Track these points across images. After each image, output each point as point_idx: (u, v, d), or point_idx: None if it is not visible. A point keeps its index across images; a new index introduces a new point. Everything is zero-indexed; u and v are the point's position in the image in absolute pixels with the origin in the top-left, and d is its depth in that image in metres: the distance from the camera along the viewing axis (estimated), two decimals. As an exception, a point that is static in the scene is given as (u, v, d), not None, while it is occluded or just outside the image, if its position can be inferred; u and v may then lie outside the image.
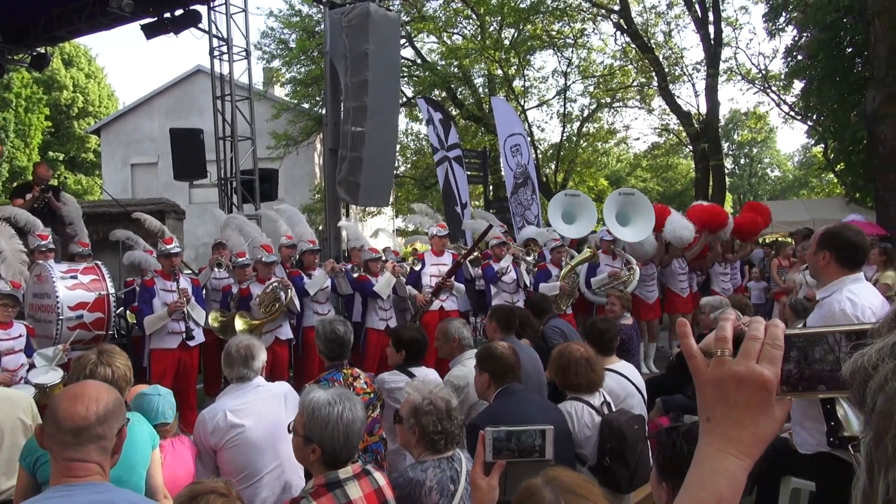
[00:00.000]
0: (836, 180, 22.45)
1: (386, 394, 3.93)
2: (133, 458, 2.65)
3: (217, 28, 10.25)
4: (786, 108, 21.94)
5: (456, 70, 19.59)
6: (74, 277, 5.66)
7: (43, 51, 11.34)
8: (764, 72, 21.25)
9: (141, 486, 2.67)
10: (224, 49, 10.26)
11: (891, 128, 10.36)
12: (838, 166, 18.99)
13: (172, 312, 5.79)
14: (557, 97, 22.09)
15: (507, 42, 20.19)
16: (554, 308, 7.35)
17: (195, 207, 18.85)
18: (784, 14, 18.08)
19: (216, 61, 10.36)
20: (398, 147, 17.87)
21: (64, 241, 7.52)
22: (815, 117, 19.00)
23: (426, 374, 4.02)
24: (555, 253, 7.83)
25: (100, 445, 1.82)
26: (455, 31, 20.81)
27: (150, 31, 10.27)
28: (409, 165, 22.68)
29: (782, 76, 20.23)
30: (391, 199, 19.81)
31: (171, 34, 10.21)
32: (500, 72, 19.94)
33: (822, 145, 20.94)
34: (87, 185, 29.99)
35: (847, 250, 2.96)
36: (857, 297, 2.85)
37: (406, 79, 20.10)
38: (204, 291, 6.65)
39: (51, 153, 28.43)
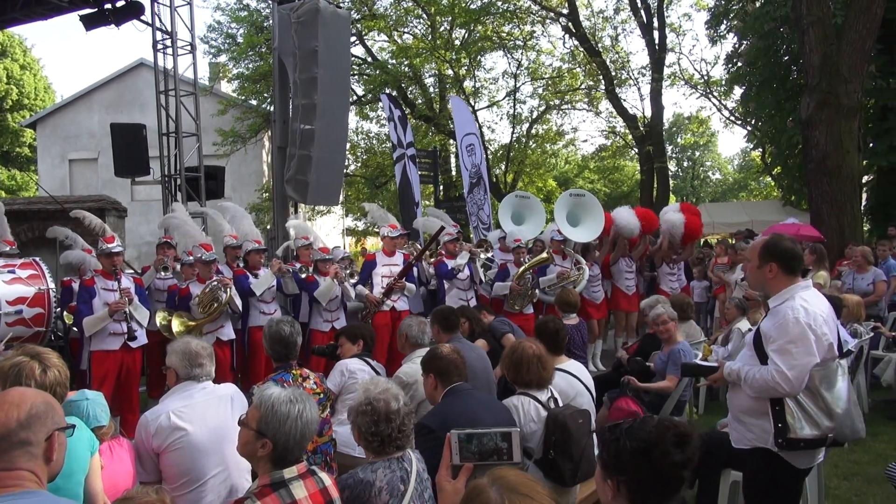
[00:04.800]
0: (773, 183, 23.33)
1: (348, 374, 4.18)
2: (70, 465, 2.54)
3: (161, 21, 9.97)
4: (726, 113, 22.79)
5: (407, 69, 19.53)
6: (12, 272, 5.45)
7: (-27, 40, 10.83)
8: (706, 77, 21.99)
9: (79, 494, 2.57)
10: (168, 42, 9.98)
11: (822, 133, 10.78)
12: (775, 170, 19.73)
13: (114, 313, 5.59)
14: (507, 98, 22.32)
15: (457, 42, 20.25)
16: (506, 307, 7.51)
17: (137, 205, 18.31)
18: (725, 22, 18.70)
19: (160, 55, 10.07)
20: (349, 146, 17.70)
21: None
22: (753, 122, 19.70)
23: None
24: (515, 253, 7.91)
25: (26, 451, 1.74)
26: (406, 30, 20.77)
27: (89, 23, 9.91)
28: (359, 164, 22.51)
29: (723, 82, 20.95)
30: (341, 199, 19.68)
31: (112, 26, 9.88)
32: (450, 72, 19.99)
33: (761, 149, 21.75)
34: (21, 181, 28.84)
35: (791, 259, 3.07)
36: (810, 305, 2.96)
37: (356, 77, 19.95)
38: (147, 292, 6.46)
39: (-19, 146, 27.26)
